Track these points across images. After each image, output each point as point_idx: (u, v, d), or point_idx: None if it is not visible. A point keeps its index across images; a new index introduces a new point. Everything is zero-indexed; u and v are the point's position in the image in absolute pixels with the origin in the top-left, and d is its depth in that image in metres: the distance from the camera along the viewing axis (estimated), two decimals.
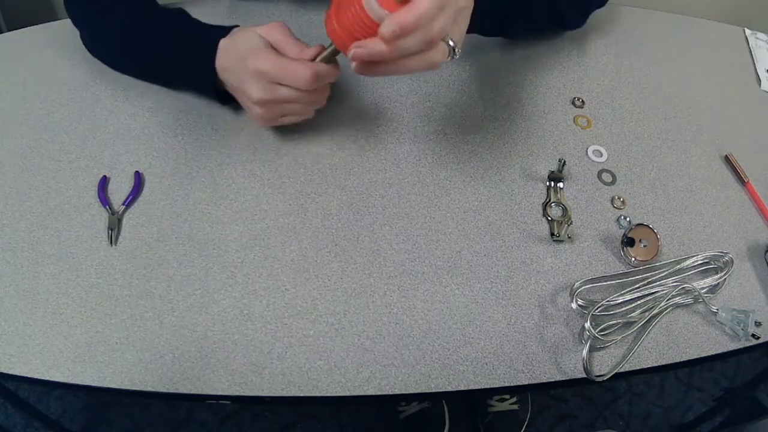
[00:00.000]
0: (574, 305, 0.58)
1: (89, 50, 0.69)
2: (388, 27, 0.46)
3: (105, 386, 0.52)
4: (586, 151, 0.71)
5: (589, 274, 0.61)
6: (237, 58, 0.58)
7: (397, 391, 0.54)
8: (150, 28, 0.63)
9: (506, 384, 0.55)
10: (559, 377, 0.56)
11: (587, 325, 0.55)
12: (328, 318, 0.57)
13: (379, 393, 0.53)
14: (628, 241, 0.62)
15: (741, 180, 0.71)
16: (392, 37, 0.46)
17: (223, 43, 0.60)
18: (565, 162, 0.67)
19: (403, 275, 0.60)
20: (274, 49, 0.58)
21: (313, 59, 0.57)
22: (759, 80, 0.82)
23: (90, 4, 0.66)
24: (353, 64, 0.50)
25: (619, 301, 0.59)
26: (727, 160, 0.73)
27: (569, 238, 0.64)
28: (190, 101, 0.69)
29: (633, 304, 0.59)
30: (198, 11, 0.78)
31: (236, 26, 0.62)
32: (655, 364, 0.57)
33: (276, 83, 0.57)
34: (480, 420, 1.19)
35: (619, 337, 0.57)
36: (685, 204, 0.68)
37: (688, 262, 0.63)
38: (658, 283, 0.61)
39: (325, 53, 0.57)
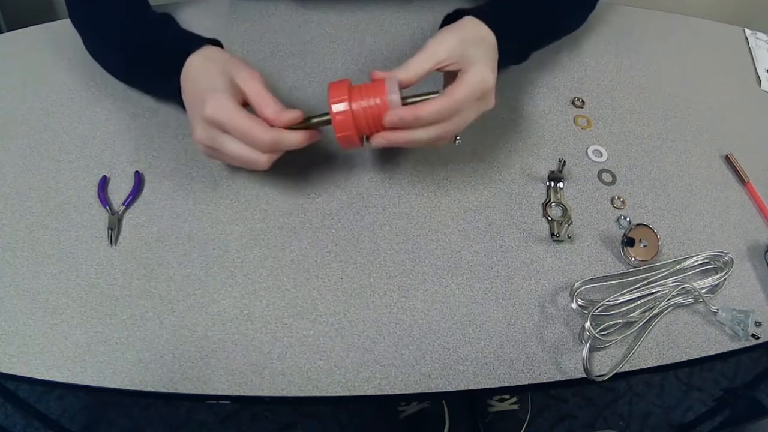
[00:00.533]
0: (574, 305, 0.58)
1: (89, 52, 0.69)
2: (392, 117, 0.54)
3: (105, 386, 0.52)
4: (586, 151, 0.71)
5: (589, 274, 0.62)
6: (195, 94, 0.55)
7: (397, 391, 0.54)
8: (136, 34, 0.62)
9: (506, 384, 0.55)
10: (559, 377, 0.56)
11: (587, 325, 0.55)
12: (328, 318, 0.57)
13: (379, 393, 0.53)
14: (628, 241, 0.62)
15: (741, 180, 0.71)
16: (391, 126, 0.54)
17: (188, 65, 0.57)
18: (565, 162, 0.67)
19: (403, 275, 0.60)
20: (243, 97, 0.55)
21: (288, 126, 0.54)
22: (759, 80, 0.82)
23: (88, 13, 0.65)
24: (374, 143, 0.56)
25: (619, 301, 0.59)
26: (727, 160, 0.73)
27: (569, 238, 0.64)
28: None
29: (633, 304, 0.59)
30: (198, 11, 0.78)
31: (212, 43, 0.60)
32: (655, 364, 0.57)
33: (226, 134, 0.54)
34: (480, 420, 1.19)
35: (619, 337, 0.57)
36: (685, 204, 0.68)
37: (688, 262, 0.63)
38: (658, 283, 0.61)
39: (312, 122, 0.55)
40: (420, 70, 0.57)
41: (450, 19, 0.65)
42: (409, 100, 0.55)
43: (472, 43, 0.58)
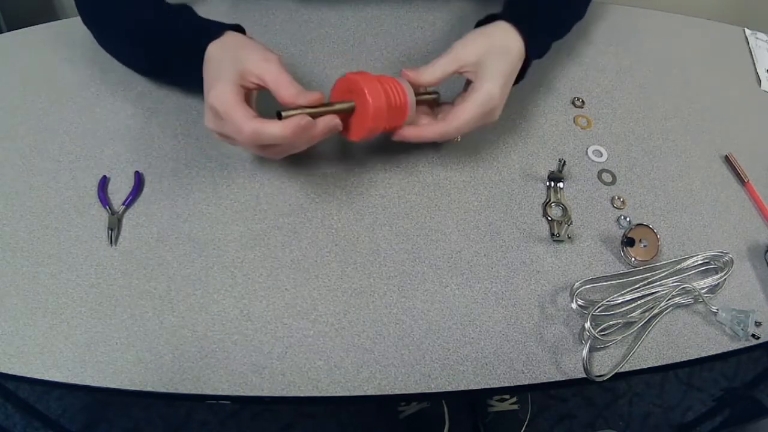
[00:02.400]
0: (574, 305, 0.58)
1: (104, 48, 0.68)
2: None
3: (105, 386, 0.52)
4: (586, 151, 0.71)
5: (589, 274, 0.61)
6: (205, 82, 0.56)
7: (397, 391, 0.54)
8: (156, 28, 0.62)
9: (506, 384, 0.55)
10: (559, 377, 0.56)
11: (587, 325, 0.55)
12: (328, 318, 0.57)
13: (379, 393, 0.53)
14: (628, 241, 0.62)
15: (741, 180, 0.71)
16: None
17: (207, 55, 0.57)
18: (565, 162, 0.67)
19: (403, 275, 0.60)
20: (257, 85, 0.56)
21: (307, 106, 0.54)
22: (759, 80, 0.82)
23: (100, 9, 0.65)
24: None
25: (619, 301, 0.59)
26: (727, 160, 0.73)
27: (569, 238, 0.64)
28: (190, 101, 0.69)
29: (633, 304, 0.59)
30: (199, 11, 0.78)
31: (233, 28, 0.60)
32: (655, 364, 0.57)
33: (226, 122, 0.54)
34: (480, 420, 1.19)
35: (619, 337, 0.57)
36: (685, 204, 0.68)
37: (688, 262, 0.63)
38: (658, 283, 0.61)
39: (333, 108, 0.55)
40: (444, 73, 0.61)
41: (483, 21, 0.66)
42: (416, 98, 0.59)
43: (496, 55, 0.61)
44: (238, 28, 0.61)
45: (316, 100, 0.54)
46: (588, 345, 0.55)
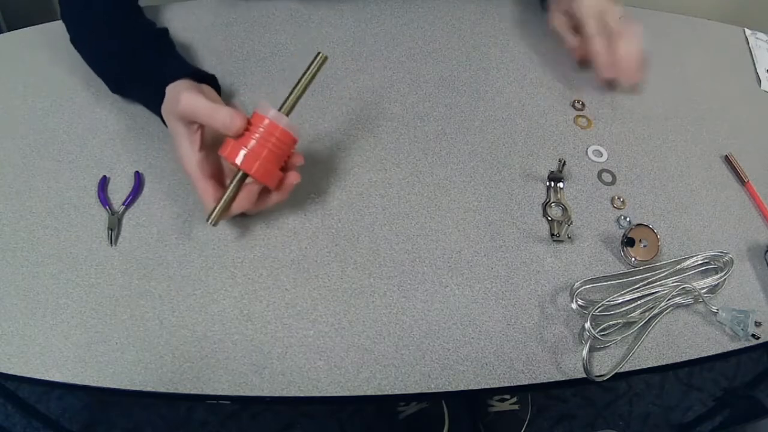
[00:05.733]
0: (574, 305, 0.58)
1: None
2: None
3: (105, 386, 0.52)
4: (586, 151, 0.71)
5: (589, 274, 0.61)
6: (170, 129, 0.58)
7: (397, 391, 0.54)
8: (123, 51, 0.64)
9: (506, 384, 0.55)
10: (559, 377, 0.56)
11: (587, 325, 0.55)
12: (328, 318, 0.57)
13: (379, 393, 0.53)
14: (628, 241, 0.62)
15: (741, 180, 0.71)
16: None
17: (164, 101, 0.59)
18: (565, 162, 0.67)
19: (403, 275, 0.60)
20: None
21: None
22: (759, 80, 0.82)
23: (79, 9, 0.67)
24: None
25: (619, 301, 0.59)
26: (727, 160, 0.73)
27: (569, 238, 0.64)
28: None
29: (633, 304, 0.59)
30: (199, 10, 0.78)
31: (188, 74, 0.61)
32: (655, 364, 0.57)
33: None
34: (480, 420, 1.19)
35: (619, 337, 0.57)
36: (685, 204, 0.68)
37: (688, 262, 0.62)
38: (658, 283, 0.61)
39: (233, 184, 0.55)
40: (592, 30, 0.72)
41: None
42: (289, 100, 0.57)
43: None
44: (186, 71, 0.61)
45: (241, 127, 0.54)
46: (588, 345, 0.55)
